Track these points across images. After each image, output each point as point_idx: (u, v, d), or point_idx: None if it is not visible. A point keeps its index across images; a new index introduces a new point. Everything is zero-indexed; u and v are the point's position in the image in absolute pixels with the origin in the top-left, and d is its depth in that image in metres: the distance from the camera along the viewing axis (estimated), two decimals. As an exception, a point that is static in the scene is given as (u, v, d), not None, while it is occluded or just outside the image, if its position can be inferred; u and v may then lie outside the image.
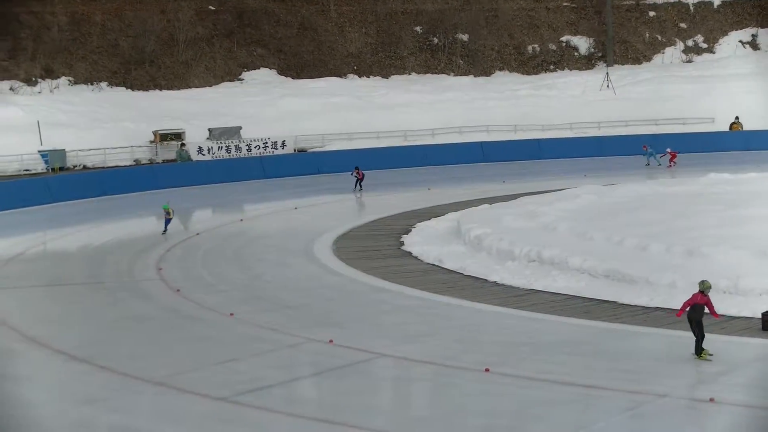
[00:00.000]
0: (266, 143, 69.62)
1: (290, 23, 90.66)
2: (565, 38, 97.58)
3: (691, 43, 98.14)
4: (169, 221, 37.98)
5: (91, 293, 28.41)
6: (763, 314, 21.52)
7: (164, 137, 68.30)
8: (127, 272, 31.22)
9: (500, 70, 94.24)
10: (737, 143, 68.07)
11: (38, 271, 32.18)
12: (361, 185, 51.77)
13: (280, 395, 17.84)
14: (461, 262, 30.52)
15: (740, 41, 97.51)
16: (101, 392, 18.14)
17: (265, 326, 23.07)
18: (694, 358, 18.88)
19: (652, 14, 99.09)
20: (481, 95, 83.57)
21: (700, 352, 18.91)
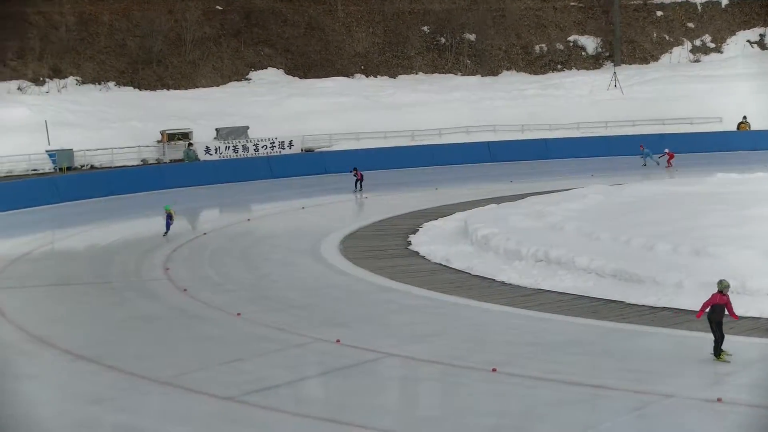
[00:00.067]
0: (273, 143, 69.66)
1: (297, 23, 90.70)
2: (572, 38, 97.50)
3: (698, 42, 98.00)
4: (170, 222, 37.89)
5: (98, 293, 28.44)
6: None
7: (171, 137, 68.34)
8: (134, 272, 31.25)
9: (507, 69, 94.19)
10: (745, 143, 67.93)
11: (45, 270, 32.21)
12: (361, 185, 51.72)
13: (287, 395, 17.83)
14: (468, 261, 30.50)
15: (748, 41, 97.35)
16: (108, 392, 18.15)
17: (272, 326, 23.07)
18: (712, 359, 18.70)
19: (659, 14, 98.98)
20: (488, 95, 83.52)
21: (719, 353, 18.70)
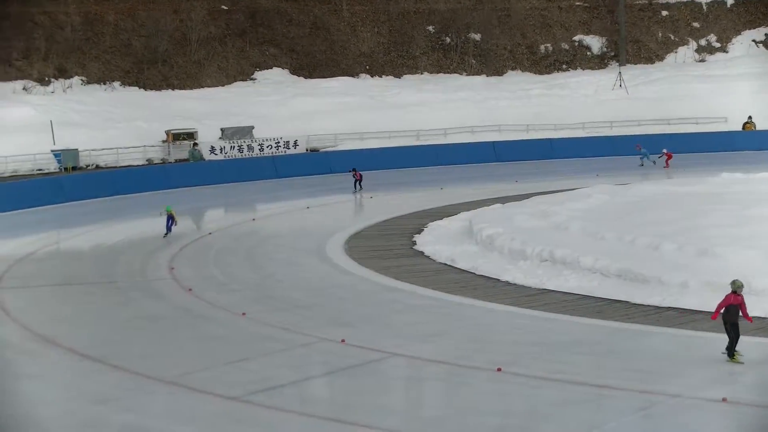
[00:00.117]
0: (278, 143, 69.67)
1: (303, 23, 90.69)
2: (577, 38, 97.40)
3: (704, 42, 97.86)
4: (171, 223, 37.72)
5: (103, 293, 28.47)
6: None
7: (177, 137, 68.35)
8: (139, 272, 31.28)
9: (513, 69, 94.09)
10: (750, 143, 67.91)
11: (50, 270, 32.25)
12: (360, 185, 51.65)
13: (292, 395, 17.84)
14: (473, 261, 30.49)
15: (753, 41, 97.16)
16: (113, 391, 18.18)
17: (277, 326, 23.09)
18: (725, 359, 18.62)
19: (664, 13, 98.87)
20: (493, 95, 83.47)
21: (732, 354, 18.61)
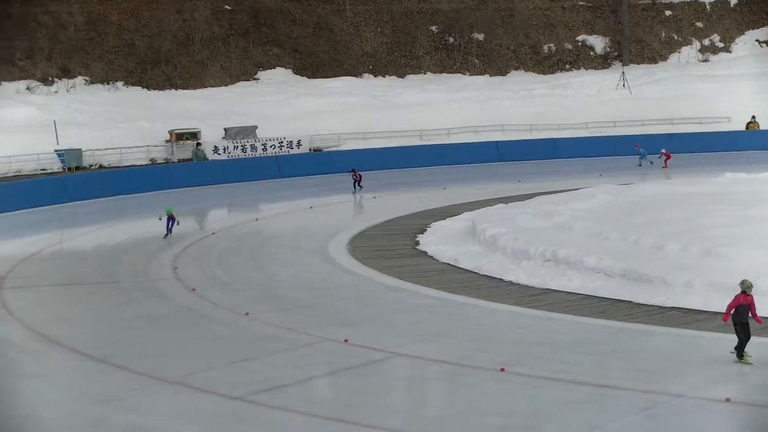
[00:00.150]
0: (282, 143, 69.65)
1: (306, 23, 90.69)
2: (580, 37, 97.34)
3: (707, 42, 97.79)
4: (172, 224, 37.49)
5: (106, 292, 28.48)
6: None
7: (180, 137, 68.35)
8: (142, 272, 31.29)
9: (516, 69, 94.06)
10: (754, 143, 67.87)
11: (54, 270, 32.26)
12: (360, 185, 51.57)
13: (295, 394, 17.84)
14: (476, 261, 30.48)
15: (757, 40, 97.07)
16: (117, 391, 18.18)
17: (280, 325, 23.09)
18: (734, 361, 18.51)
19: (668, 13, 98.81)
20: (496, 95, 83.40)
21: (741, 354, 18.49)
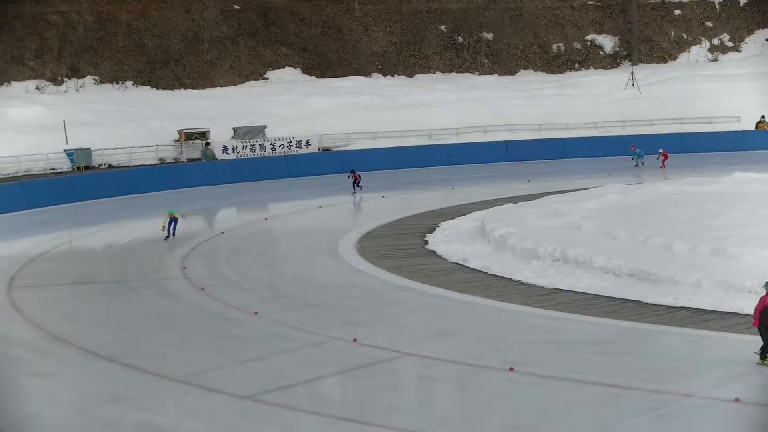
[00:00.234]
0: (291, 142, 69.65)
1: (315, 22, 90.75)
2: (590, 37, 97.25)
3: (716, 41, 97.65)
4: (175, 225, 37.23)
5: (115, 292, 28.53)
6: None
7: (189, 136, 68.38)
8: (151, 271, 31.33)
9: (525, 69, 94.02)
10: (763, 142, 67.59)
11: (63, 269, 32.31)
12: (360, 186, 51.37)
13: (304, 394, 17.86)
14: (485, 261, 30.44)
15: (766, 40, 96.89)
16: (126, 390, 18.22)
17: (289, 325, 23.10)
18: (757, 363, 18.22)
19: (677, 13, 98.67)
20: (505, 94, 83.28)
21: (765, 356, 18.17)
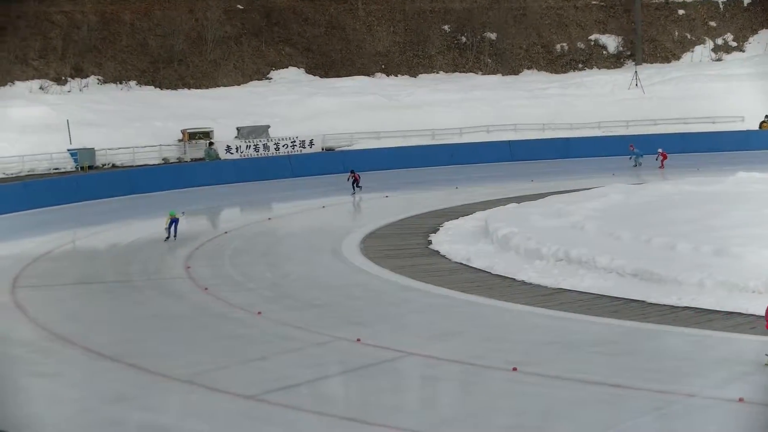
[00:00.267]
0: (294, 142, 69.71)
1: (318, 22, 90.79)
2: (593, 37, 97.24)
3: (720, 41, 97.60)
4: (176, 226, 37.02)
5: (119, 291, 28.53)
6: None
7: (192, 136, 68.46)
8: (155, 270, 31.34)
9: (528, 68, 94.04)
10: (767, 142, 67.57)
11: (67, 269, 32.32)
12: (359, 186, 51.26)
13: (307, 393, 17.87)
14: (489, 261, 30.43)
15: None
16: (130, 390, 18.23)
17: (292, 325, 23.10)
18: (765, 364, 18.01)
19: (681, 12, 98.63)
20: (509, 94, 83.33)
21: None
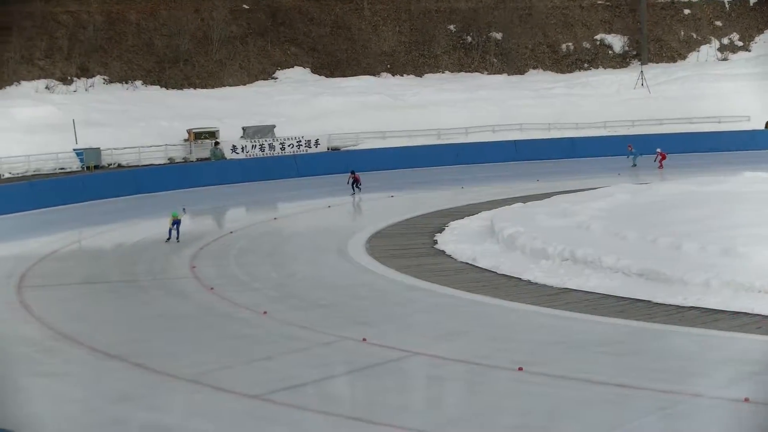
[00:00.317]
0: (300, 142, 69.73)
1: (324, 22, 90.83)
2: (599, 36, 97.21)
3: (726, 41, 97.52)
4: (179, 228, 36.84)
5: (125, 291, 28.57)
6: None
7: (198, 136, 68.53)
8: (160, 270, 31.36)
9: (534, 68, 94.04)
10: (773, 142, 67.60)
11: (72, 268, 32.37)
12: (359, 187, 51.19)
13: (313, 393, 17.86)
14: (495, 260, 30.40)
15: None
16: (135, 390, 18.23)
17: (298, 324, 23.09)
18: None
19: (687, 12, 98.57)
20: (514, 94, 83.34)
21: None
